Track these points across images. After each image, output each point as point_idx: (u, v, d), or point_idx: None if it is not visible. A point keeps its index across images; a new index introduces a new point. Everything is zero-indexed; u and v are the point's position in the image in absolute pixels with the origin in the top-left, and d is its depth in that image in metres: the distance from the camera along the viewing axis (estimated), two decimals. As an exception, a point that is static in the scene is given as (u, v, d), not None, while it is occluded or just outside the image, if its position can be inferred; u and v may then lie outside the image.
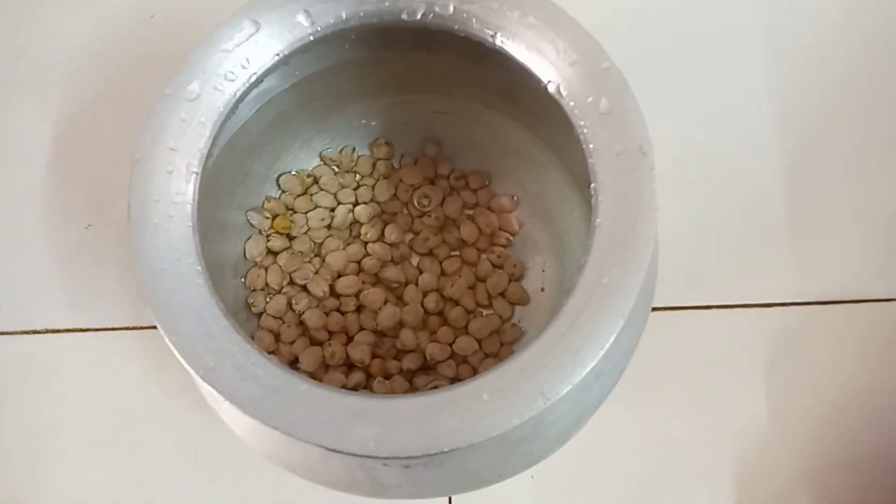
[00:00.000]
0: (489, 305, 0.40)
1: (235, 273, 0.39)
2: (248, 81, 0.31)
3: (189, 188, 0.30)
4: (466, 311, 0.39)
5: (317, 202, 0.41)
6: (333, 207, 0.41)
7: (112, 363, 0.41)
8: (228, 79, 0.31)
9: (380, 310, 0.39)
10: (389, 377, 0.38)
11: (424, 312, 0.39)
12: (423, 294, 0.40)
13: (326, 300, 0.39)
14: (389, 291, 0.40)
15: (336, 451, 0.26)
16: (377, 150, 0.42)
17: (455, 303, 0.40)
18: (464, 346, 0.38)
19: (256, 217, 0.40)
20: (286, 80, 0.34)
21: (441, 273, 0.40)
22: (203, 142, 0.30)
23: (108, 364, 0.41)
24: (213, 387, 0.27)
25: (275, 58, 0.31)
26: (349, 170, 0.42)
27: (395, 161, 0.42)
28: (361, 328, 0.39)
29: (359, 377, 0.38)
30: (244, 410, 0.27)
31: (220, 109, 0.31)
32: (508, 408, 0.26)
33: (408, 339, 0.38)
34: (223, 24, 0.31)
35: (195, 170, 0.30)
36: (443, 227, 0.41)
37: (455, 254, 0.41)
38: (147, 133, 0.30)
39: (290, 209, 0.41)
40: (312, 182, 0.41)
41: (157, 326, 0.28)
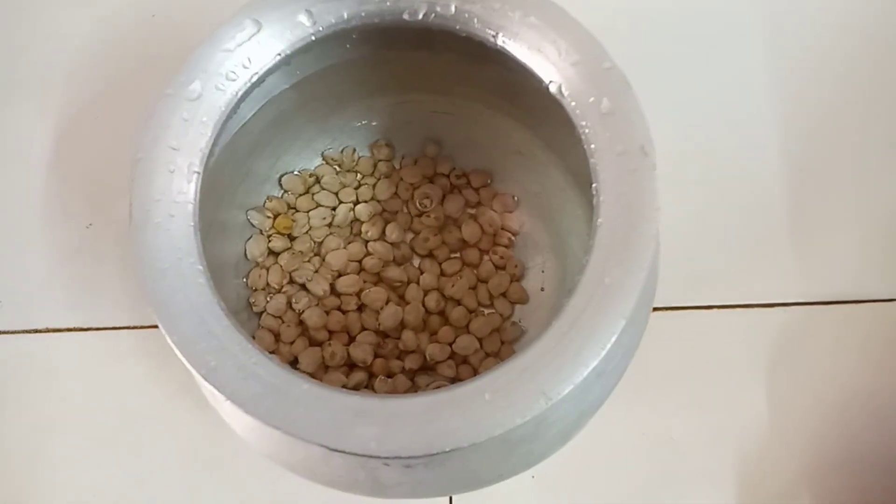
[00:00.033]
0: (490, 305, 0.40)
1: (237, 273, 0.39)
2: (250, 81, 0.31)
3: (190, 188, 0.30)
4: (468, 311, 0.39)
5: (318, 201, 0.41)
6: (335, 206, 0.41)
7: (113, 363, 0.41)
8: (230, 78, 0.31)
9: (381, 309, 0.39)
10: (392, 376, 0.38)
11: (425, 312, 0.39)
12: (424, 293, 0.40)
13: (327, 299, 0.39)
14: (391, 291, 0.40)
15: (337, 451, 0.26)
16: (378, 152, 0.42)
17: (456, 302, 0.40)
18: (464, 346, 0.38)
19: (257, 217, 0.40)
20: (287, 80, 0.34)
21: (441, 273, 0.40)
22: (204, 141, 0.30)
23: (109, 363, 0.41)
24: (215, 386, 0.27)
25: (276, 57, 0.31)
26: (350, 169, 0.42)
27: (396, 162, 0.42)
28: (363, 328, 0.39)
29: (360, 376, 0.38)
30: (245, 410, 0.27)
31: (222, 109, 0.31)
32: (510, 407, 0.26)
33: (409, 340, 0.38)
34: (224, 24, 0.31)
35: (197, 169, 0.30)
36: (443, 227, 0.41)
37: (455, 255, 0.41)
38: (148, 132, 0.30)
39: (292, 208, 0.41)
40: (314, 181, 0.41)
41: (159, 326, 0.28)
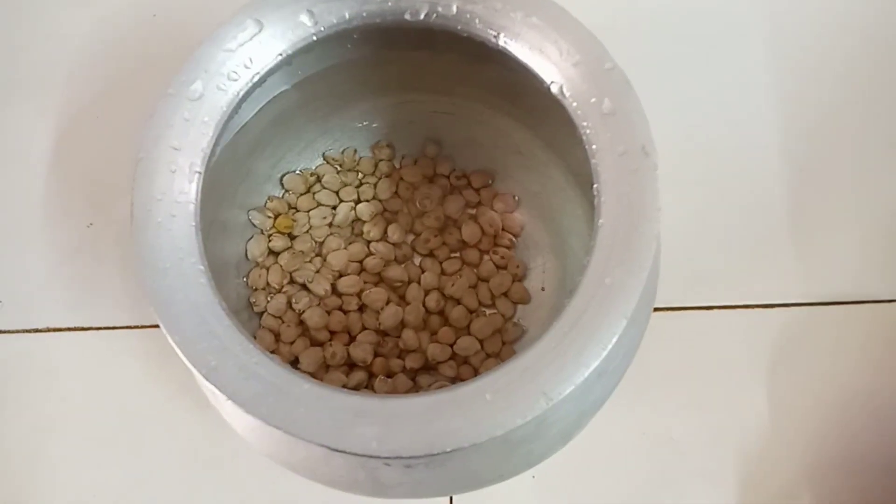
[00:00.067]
0: (492, 305, 0.40)
1: (238, 272, 0.39)
2: (251, 81, 0.31)
3: (192, 187, 0.30)
4: (468, 311, 0.39)
5: (319, 200, 0.41)
6: (335, 205, 0.41)
7: (113, 362, 0.41)
8: (231, 78, 0.31)
9: (382, 309, 0.39)
10: (392, 376, 0.38)
11: (426, 312, 0.39)
12: (425, 293, 0.40)
13: (328, 299, 0.39)
14: (392, 291, 0.40)
15: (338, 451, 0.26)
16: (379, 153, 0.42)
17: (456, 302, 0.40)
18: (465, 346, 0.38)
19: (258, 216, 0.40)
20: (288, 80, 0.34)
21: (442, 272, 0.40)
22: (206, 141, 0.30)
23: (110, 363, 0.41)
24: (216, 386, 0.27)
25: (278, 57, 0.31)
26: (351, 169, 0.42)
27: (397, 162, 0.42)
28: (364, 328, 0.39)
29: (360, 376, 0.38)
30: (246, 410, 0.27)
31: (223, 109, 0.31)
32: (511, 408, 0.26)
33: (410, 340, 0.38)
34: (226, 24, 0.31)
35: (198, 169, 0.30)
36: (443, 228, 0.41)
37: (455, 255, 0.41)
38: (150, 132, 0.30)
39: (293, 208, 0.41)
40: (315, 181, 0.41)
41: (160, 325, 0.28)
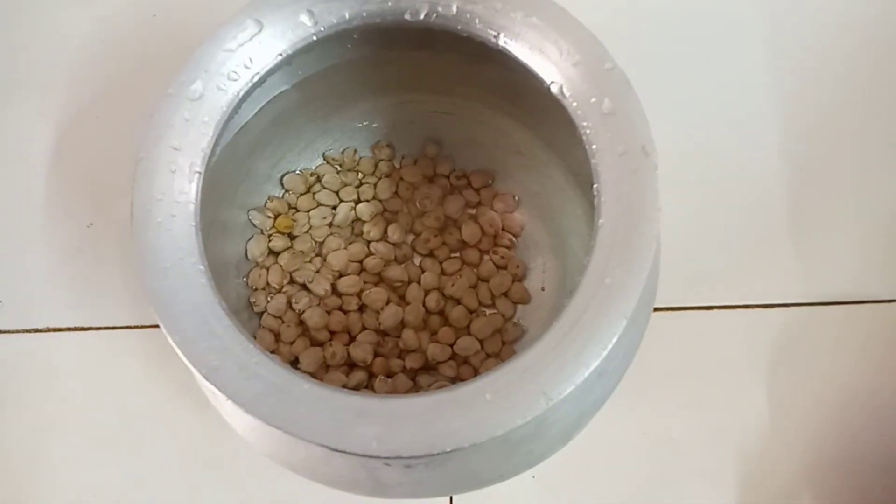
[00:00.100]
0: (492, 305, 0.40)
1: (238, 272, 0.39)
2: (251, 81, 0.31)
3: (192, 187, 0.30)
4: (468, 311, 0.39)
5: (319, 200, 0.41)
6: (335, 205, 0.41)
7: (113, 362, 0.41)
8: (231, 78, 0.31)
9: (382, 309, 0.39)
10: (392, 376, 0.38)
11: (426, 312, 0.39)
12: (425, 293, 0.40)
13: (328, 299, 0.39)
14: (392, 291, 0.40)
15: (338, 451, 0.26)
16: (379, 152, 0.42)
17: (456, 302, 0.40)
18: (465, 347, 0.38)
19: (258, 216, 0.40)
20: (288, 80, 0.34)
21: (442, 272, 0.40)
22: (206, 141, 0.30)
23: (110, 363, 0.41)
24: (216, 386, 0.27)
25: (278, 57, 0.31)
26: (351, 169, 0.42)
27: (397, 162, 0.42)
28: (364, 327, 0.39)
29: (360, 376, 0.38)
30: (247, 410, 0.27)
31: (223, 109, 0.31)
32: (511, 408, 0.26)
33: (409, 339, 0.38)
34: (226, 24, 0.31)
35: (198, 169, 0.30)
36: (444, 228, 0.41)
37: (455, 255, 0.41)
38: (150, 132, 0.30)
39: (293, 208, 0.41)
40: (315, 181, 0.41)
41: (160, 325, 0.28)
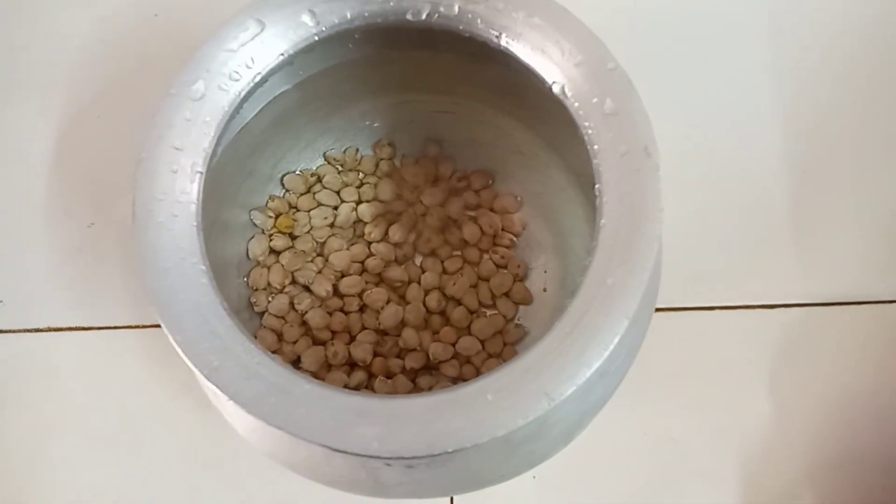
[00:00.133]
0: (492, 305, 0.40)
1: (238, 272, 0.39)
2: (253, 81, 0.31)
3: (193, 187, 0.29)
4: (469, 311, 0.39)
5: (320, 201, 0.41)
6: (336, 206, 0.41)
7: (114, 362, 0.41)
8: (233, 78, 0.31)
9: (382, 309, 0.39)
10: (392, 376, 0.38)
11: (426, 311, 0.39)
12: (425, 293, 0.40)
13: (330, 300, 0.39)
14: (392, 291, 0.40)
15: (339, 451, 0.26)
16: (380, 152, 0.42)
17: (457, 302, 0.40)
18: (467, 346, 0.38)
19: (259, 216, 0.40)
20: (290, 80, 0.34)
21: (443, 272, 0.40)
22: (208, 141, 0.30)
23: (110, 363, 0.41)
24: (217, 386, 0.27)
25: (279, 57, 0.31)
26: (352, 168, 0.42)
27: (398, 161, 0.42)
28: (364, 327, 0.39)
29: (361, 376, 0.38)
30: (248, 410, 0.27)
31: (225, 109, 0.31)
32: (512, 408, 0.26)
33: (410, 339, 0.38)
34: (228, 24, 0.31)
35: (200, 169, 0.30)
36: (445, 228, 0.41)
37: (457, 254, 0.41)
38: (152, 132, 0.30)
39: (294, 208, 0.41)
40: (316, 181, 0.41)
41: (161, 325, 0.28)
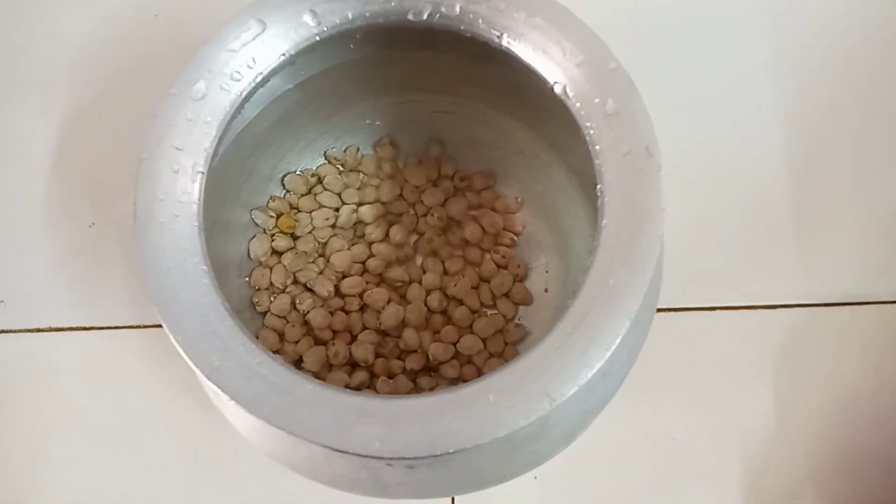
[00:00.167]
0: (493, 305, 0.40)
1: (240, 272, 0.39)
2: (254, 81, 0.31)
3: (195, 188, 0.30)
4: (471, 311, 0.39)
5: (321, 202, 0.41)
6: (337, 207, 0.41)
7: (115, 362, 0.41)
8: (234, 78, 0.31)
9: (383, 309, 0.39)
10: (393, 377, 0.38)
11: (427, 311, 0.39)
12: (427, 293, 0.40)
13: (331, 300, 0.39)
14: (393, 291, 0.40)
15: (340, 451, 0.26)
16: (381, 151, 0.42)
17: (459, 302, 0.40)
18: (468, 346, 0.38)
19: (261, 216, 0.40)
20: (291, 80, 0.34)
21: (444, 272, 0.40)
22: (209, 141, 0.30)
23: (111, 363, 0.41)
24: (219, 386, 0.27)
25: (281, 58, 0.31)
26: (353, 169, 0.42)
27: (400, 161, 0.42)
28: (365, 327, 0.39)
29: (362, 376, 0.38)
30: (249, 410, 0.27)
31: (226, 109, 0.31)
32: (514, 408, 0.26)
33: (410, 339, 0.38)
34: (229, 24, 0.31)
35: (201, 169, 0.30)
36: (446, 229, 0.41)
37: (458, 254, 0.41)
38: (153, 132, 0.30)
39: (295, 208, 0.41)
40: (317, 182, 0.41)
41: (163, 325, 0.28)
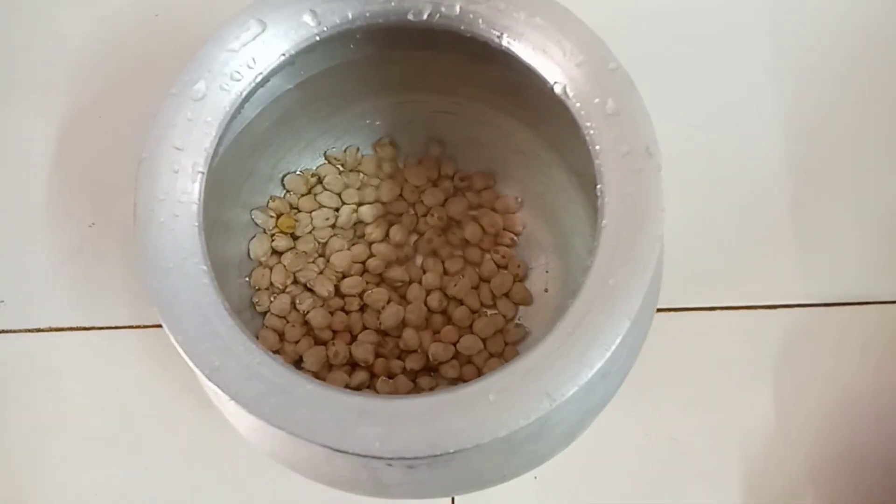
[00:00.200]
0: (493, 305, 0.40)
1: (240, 272, 0.39)
2: (254, 81, 0.31)
3: (195, 188, 0.30)
4: (471, 311, 0.39)
5: (321, 202, 0.41)
6: (337, 207, 0.41)
7: (115, 362, 0.41)
8: (234, 78, 0.31)
9: (383, 309, 0.39)
10: (393, 377, 0.38)
11: (428, 311, 0.39)
12: (427, 293, 0.40)
13: (331, 300, 0.39)
14: (393, 291, 0.40)
15: (340, 451, 0.26)
16: (381, 151, 0.42)
17: (459, 302, 0.40)
18: (468, 346, 0.38)
19: (261, 216, 0.40)
20: (291, 80, 0.34)
21: (444, 272, 0.40)
22: (209, 141, 0.30)
23: (111, 363, 0.41)
24: (219, 386, 0.27)
25: (281, 58, 0.31)
26: (353, 169, 0.42)
27: (400, 161, 0.42)
28: (365, 327, 0.39)
29: (362, 376, 0.38)
30: (249, 410, 0.27)
31: (226, 109, 0.31)
32: (514, 408, 0.26)
33: (410, 339, 0.38)
34: (229, 24, 0.31)
35: (201, 169, 0.30)
36: (446, 229, 0.41)
37: (458, 254, 0.41)
38: (153, 132, 0.30)
39: (295, 208, 0.41)
40: (317, 182, 0.41)
41: (163, 325, 0.28)
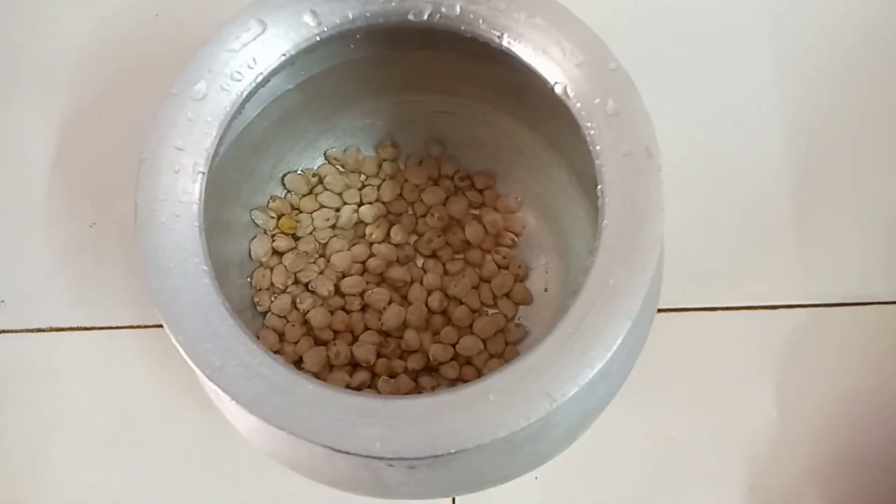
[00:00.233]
0: (493, 305, 0.40)
1: (241, 272, 0.39)
2: (255, 81, 0.31)
3: (195, 188, 0.30)
4: (471, 311, 0.39)
5: (322, 202, 0.41)
6: (338, 208, 0.41)
7: (115, 362, 0.41)
8: (235, 78, 0.31)
9: (384, 309, 0.39)
10: (394, 376, 0.38)
11: (428, 312, 0.39)
12: (427, 293, 0.40)
13: (331, 299, 0.39)
14: (394, 291, 0.40)
15: (341, 452, 0.26)
16: (382, 151, 0.42)
17: (459, 302, 0.40)
18: (468, 346, 0.38)
19: (261, 216, 0.40)
20: (292, 80, 0.34)
21: (445, 272, 0.40)
22: (209, 141, 0.30)
23: (112, 363, 0.41)
24: (219, 386, 0.27)
25: (281, 58, 0.31)
26: (354, 169, 0.42)
27: (401, 161, 0.42)
28: (366, 328, 0.39)
29: (363, 376, 0.38)
30: (249, 410, 0.27)
31: (227, 109, 0.31)
32: (514, 409, 0.26)
33: (411, 340, 0.38)
34: (229, 24, 0.31)
35: (201, 169, 0.30)
36: (447, 229, 0.41)
37: (459, 256, 0.41)
38: (153, 132, 0.30)
39: (296, 209, 0.41)
40: (317, 182, 0.41)
41: (163, 325, 0.28)
